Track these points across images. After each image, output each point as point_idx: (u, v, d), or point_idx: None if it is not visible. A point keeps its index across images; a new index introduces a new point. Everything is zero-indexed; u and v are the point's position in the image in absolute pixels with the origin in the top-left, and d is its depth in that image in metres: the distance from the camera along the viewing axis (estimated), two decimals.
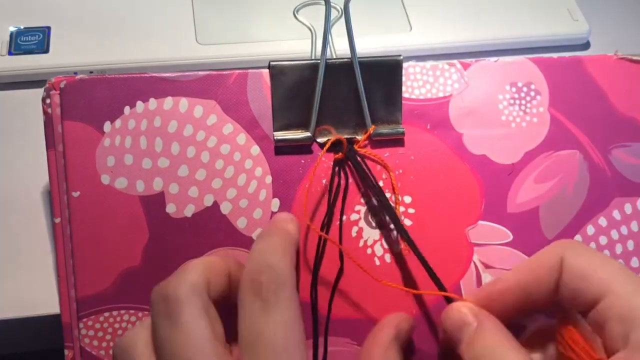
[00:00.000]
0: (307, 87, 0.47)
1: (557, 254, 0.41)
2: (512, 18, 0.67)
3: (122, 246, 0.45)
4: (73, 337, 0.45)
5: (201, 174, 0.46)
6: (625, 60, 0.51)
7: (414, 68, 0.49)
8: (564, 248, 0.41)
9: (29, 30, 0.62)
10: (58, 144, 0.45)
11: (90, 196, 0.45)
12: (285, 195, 0.47)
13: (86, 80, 0.46)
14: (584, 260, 0.40)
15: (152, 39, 0.63)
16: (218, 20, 0.65)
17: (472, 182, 0.48)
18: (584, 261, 0.40)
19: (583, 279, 0.39)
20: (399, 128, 0.48)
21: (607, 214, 0.49)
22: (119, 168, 0.45)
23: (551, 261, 0.41)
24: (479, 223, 0.48)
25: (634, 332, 0.36)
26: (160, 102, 0.46)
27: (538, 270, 0.41)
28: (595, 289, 0.38)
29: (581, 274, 0.39)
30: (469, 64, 0.50)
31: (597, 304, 0.38)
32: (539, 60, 0.50)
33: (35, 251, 0.51)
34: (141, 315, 0.45)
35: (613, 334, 0.37)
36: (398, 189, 0.47)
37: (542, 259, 0.41)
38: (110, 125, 0.46)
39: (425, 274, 0.45)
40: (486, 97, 0.49)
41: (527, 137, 0.49)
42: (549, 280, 0.41)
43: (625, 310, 0.37)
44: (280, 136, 0.47)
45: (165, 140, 0.46)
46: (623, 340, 0.37)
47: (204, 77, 0.47)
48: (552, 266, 0.40)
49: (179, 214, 0.46)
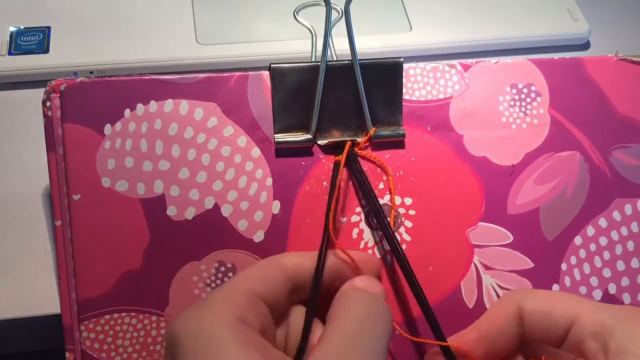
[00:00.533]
0: (308, 89, 0.47)
1: (513, 302, 0.43)
2: (512, 18, 0.67)
3: (122, 249, 0.45)
4: (74, 340, 0.45)
5: (202, 177, 0.46)
6: (625, 61, 0.51)
7: (415, 70, 0.49)
8: (517, 296, 0.43)
9: (29, 30, 0.62)
10: (58, 147, 0.45)
11: (91, 199, 0.45)
12: (286, 198, 0.47)
13: (86, 83, 0.46)
14: (542, 300, 0.42)
15: (152, 39, 0.63)
16: (218, 20, 0.65)
17: (472, 183, 0.48)
18: (542, 300, 0.42)
19: (548, 316, 0.41)
20: (400, 130, 0.48)
21: (607, 215, 0.49)
22: (120, 171, 0.45)
23: (508, 310, 0.43)
24: (480, 224, 0.48)
25: (611, 342, 0.39)
26: (161, 104, 0.46)
27: (497, 320, 0.43)
28: (562, 319, 0.41)
29: (544, 311, 0.42)
30: (470, 66, 0.50)
31: (568, 332, 0.41)
32: (539, 61, 0.50)
33: (35, 252, 0.51)
34: (142, 317, 0.45)
35: (592, 351, 0.40)
36: (395, 192, 0.47)
37: (499, 310, 0.43)
38: (111, 127, 0.46)
39: (423, 276, 0.45)
40: (486, 99, 0.49)
41: (528, 138, 0.49)
42: (510, 328, 0.43)
43: (596, 326, 0.40)
44: (280, 138, 0.47)
45: (165, 143, 0.46)
46: (603, 352, 0.39)
47: (205, 79, 0.47)
48: (509, 314, 0.43)
49: (180, 217, 0.46)
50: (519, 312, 0.42)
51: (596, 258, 0.49)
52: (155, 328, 0.45)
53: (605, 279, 0.49)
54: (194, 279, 0.46)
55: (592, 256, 0.49)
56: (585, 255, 0.49)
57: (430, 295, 0.46)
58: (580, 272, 0.48)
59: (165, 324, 0.45)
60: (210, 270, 0.46)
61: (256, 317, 0.37)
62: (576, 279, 0.48)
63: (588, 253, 0.49)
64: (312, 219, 0.47)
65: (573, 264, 0.48)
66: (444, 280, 0.46)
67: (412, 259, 0.46)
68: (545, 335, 0.42)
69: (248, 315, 0.36)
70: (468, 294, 0.47)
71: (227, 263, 0.46)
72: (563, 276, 0.48)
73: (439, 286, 0.47)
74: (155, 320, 0.45)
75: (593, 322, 0.40)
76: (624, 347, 0.38)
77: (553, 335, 0.41)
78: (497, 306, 0.44)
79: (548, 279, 0.48)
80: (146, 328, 0.45)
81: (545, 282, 0.48)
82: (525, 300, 0.43)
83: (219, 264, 0.46)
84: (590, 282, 0.48)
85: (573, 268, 0.48)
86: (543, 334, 0.42)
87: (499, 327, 0.43)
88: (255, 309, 0.37)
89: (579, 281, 0.48)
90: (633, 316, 0.40)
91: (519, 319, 0.42)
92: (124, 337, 0.45)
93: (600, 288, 0.48)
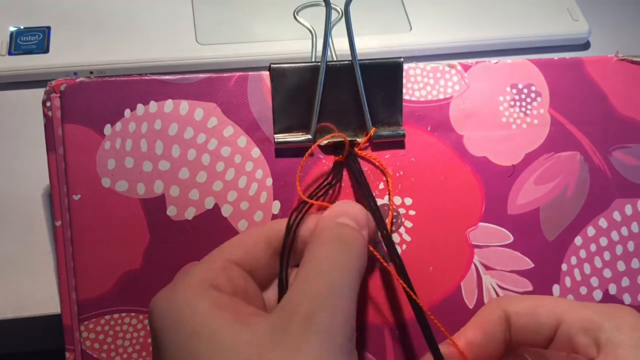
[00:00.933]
0: (308, 90, 0.47)
1: (499, 307, 0.43)
2: (512, 18, 0.67)
3: (122, 249, 0.45)
4: (74, 340, 0.45)
5: (202, 177, 0.46)
6: (625, 61, 0.51)
7: (415, 70, 0.49)
8: (502, 302, 0.44)
9: (29, 30, 0.62)
10: (59, 147, 0.45)
11: (91, 199, 0.45)
12: (286, 198, 0.47)
13: (86, 83, 0.46)
14: (527, 303, 0.43)
15: (152, 39, 0.63)
16: (218, 20, 0.65)
17: (472, 183, 0.48)
18: (528, 303, 0.43)
19: (535, 317, 0.42)
20: (400, 130, 0.48)
21: (608, 215, 0.49)
22: (120, 171, 0.45)
23: (494, 316, 0.43)
24: (480, 224, 0.48)
25: (602, 335, 0.40)
26: (161, 104, 0.46)
27: (485, 326, 0.43)
28: (548, 319, 0.42)
29: (531, 313, 0.42)
30: (470, 66, 0.50)
31: (556, 331, 0.42)
32: (539, 61, 0.50)
33: (35, 252, 0.51)
34: (142, 317, 0.45)
35: (584, 346, 0.40)
36: (393, 193, 0.47)
37: (486, 316, 0.44)
38: (111, 128, 0.46)
39: (423, 277, 0.45)
40: (487, 99, 0.49)
41: (528, 138, 0.49)
42: (497, 334, 0.43)
43: (584, 322, 0.41)
44: (280, 138, 0.47)
45: (165, 143, 0.46)
46: (595, 346, 0.40)
47: (205, 79, 0.47)
48: (496, 320, 0.43)
49: (180, 217, 0.46)
50: (505, 316, 0.43)
51: (596, 258, 0.49)
52: None
53: (605, 280, 0.49)
54: None
55: (593, 256, 0.49)
56: (585, 256, 0.49)
57: (430, 296, 0.47)
58: (581, 272, 0.48)
59: None
60: None
61: (229, 281, 0.38)
62: (576, 280, 0.48)
63: (588, 253, 0.49)
64: None
65: (573, 265, 0.48)
66: (444, 281, 0.46)
67: (412, 259, 0.46)
68: (533, 336, 0.42)
69: (220, 282, 0.38)
70: (468, 294, 0.47)
71: None
72: (563, 276, 0.48)
73: (439, 286, 0.47)
74: None
75: (580, 319, 0.41)
76: (615, 338, 0.39)
77: (541, 335, 0.42)
78: (483, 312, 0.44)
79: (548, 280, 0.48)
80: (146, 328, 0.45)
81: (546, 282, 0.48)
82: (510, 304, 0.43)
83: None
84: (590, 283, 0.48)
85: (573, 268, 0.48)
86: (531, 336, 0.42)
87: (487, 333, 0.43)
88: (228, 273, 0.38)
89: (580, 282, 0.48)
90: (614, 310, 0.41)
91: (505, 324, 0.43)
92: (124, 337, 0.45)
93: (600, 288, 0.48)
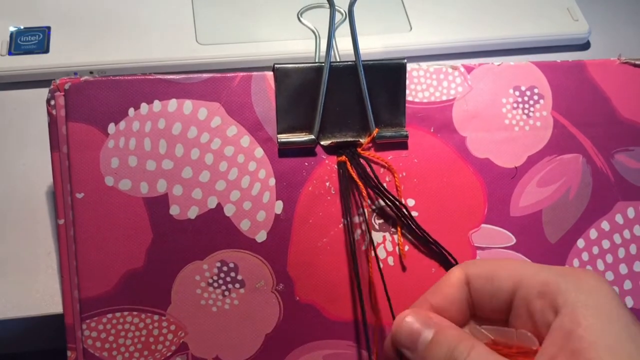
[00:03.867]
0: (311, 90, 0.47)
1: (460, 271, 0.43)
2: (512, 18, 0.67)
3: (125, 248, 0.45)
4: (76, 339, 0.45)
5: (205, 176, 0.46)
6: (628, 64, 0.51)
7: (418, 71, 0.49)
8: (463, 265, 0.43)
9: (29, 30, 0.62)
10: (62, 146, 0.45)
11: (94, 198, 0.45)
12: (289, 198, 0.47)
13: (91, 82, 0.45)
14: (487, 267, 0.42)
15: (152, 39, 0.63)
16: (218, 20, 0.65)
17: (475, 185, 0.48)
18: (487, 267, 0.42)
19: (492, 281, 0.41)
20: (403, 131, 0.48)
21: (610, 218, 0.49)
22: (123, 170, 0.45)
23: (455, 279, 0.43)
24: (482, 226, 0.48)
25: (558, 297, 0.37)
26: (165, 104, 0.46)
27: (446, 289, 0.43)
28: (506, 283, 0.41)
29: (488, 276, 0.41)
30: (473, 68, 0.50)
31: (514, 296, 0.40)
32: (542, 64, 0.51)
33: (38, 251, 0.51)
34: (144, 316, 0.45)
35: (540, 311, 0.38)
36: (401, 191, 0.48)
37: (447, 280, 0.43)
38: (115, 127, 0.45)
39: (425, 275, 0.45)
40: (490, 101, 0.49)
41: (531, 140, 0.49)
42: (458, 295, 0.42)
43: (541, 285, 0.39)
44: (284, 139, 0.47)
45: (169, 142, 0.46)
46: (552, 310, 0.38)
47: (208, 79, 0.47)
48: (456, 283, 0.42)
49: (183, 216, 0.46)
50: (465, 279, 0.42)
51: (599, 261, 0.49)
52: (157, 327, 0.45)
53: None
54: (196, 278, 0.46)
55: (595, 259, 0.49)
56: (587, 258, 0.49)
57: None
58: None
59: (167, 323, 0.45)
60: (213, 270, 0.46)
61: None
62: None
63: (590, 256, 0.49)
64: (314, 219, 0.47)
65: (575, 267, 0.48)
66: None
67: (415, 260, 0.47)
68: (492, 300, 0.41)
69: None
70: None
71: (229, 263, 0.46)
72: None
73: None
74: (157, 320, 0.45)
75: (538, 282, 0.39)
76: (573, 298, 0.37)
77: (500, 300, 0.41)
78: (445, 277, 0.43)
79: None
80: (148, 327, 0.45)
81: None
82: (470, 267, 0.43)
83: (222, 264, 0.46)
84: None
85: None
86: (490, 300, 0.41)
87: (447, 296, 0.42)
88: None
89: None
90: (574, 271, 0.39)
91: (466, 285, 0.42)
92: (125, 336, 0.45)
93: None
